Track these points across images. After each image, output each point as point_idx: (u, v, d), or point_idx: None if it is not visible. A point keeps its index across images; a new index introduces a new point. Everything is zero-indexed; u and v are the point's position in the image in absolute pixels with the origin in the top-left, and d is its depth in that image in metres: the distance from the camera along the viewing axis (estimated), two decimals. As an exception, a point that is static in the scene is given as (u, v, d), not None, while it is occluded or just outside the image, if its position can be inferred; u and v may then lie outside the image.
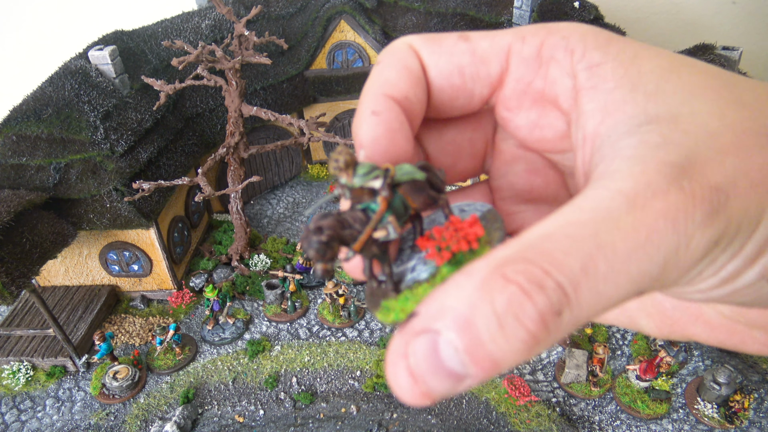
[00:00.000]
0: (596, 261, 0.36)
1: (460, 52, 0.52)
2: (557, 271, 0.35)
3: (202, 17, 4.40)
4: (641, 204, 0.38)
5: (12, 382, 3.58)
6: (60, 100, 3.57)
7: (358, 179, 0.44)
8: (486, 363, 0.35)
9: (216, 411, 3.59)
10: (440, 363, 0.36)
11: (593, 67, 0.48)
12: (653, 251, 0.37)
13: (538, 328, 0.35)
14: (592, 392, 3.35)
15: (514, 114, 0.55)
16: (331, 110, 4.93)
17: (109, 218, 3.60)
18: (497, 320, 0.35)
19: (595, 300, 0.36)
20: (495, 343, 0.35)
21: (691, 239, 0.38)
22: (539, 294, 0.35)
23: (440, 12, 4.29)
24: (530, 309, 0.35)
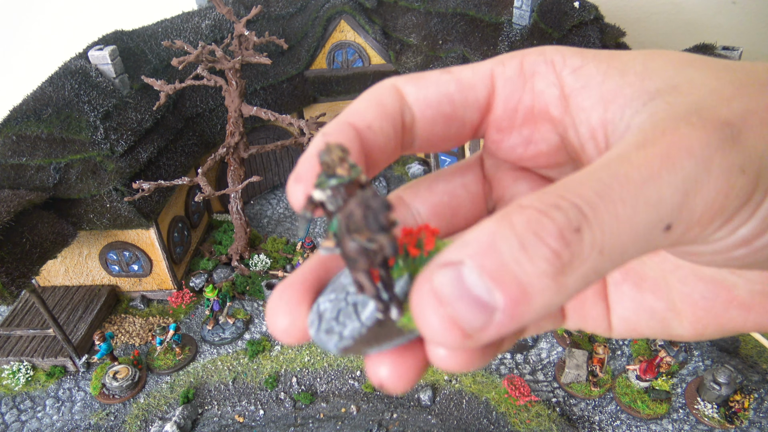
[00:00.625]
0: (611, 187, 0.36)
1: (446, 81, 0.53)
2: (572, 195, 0.36)
3: (202, 17, 4.40)
4: (652, 141, 0.38)
5: (12, 382, 3.58)
6: (60, 100, 3.57)
7: (354, 171, 0.42)
8: (512, 287, 0.34)
9: (216, 411, 3.59)
10: (466, 289, 0.35)
11: (577, 70, 0.50)
12: (670, 176, 0.37)
13: (560, 244, 0.34)
14: (592, 392, 3.35)
15: (507, 134, 0.56)
16: (331, 110, 4.93)
17: (109, 218, 3.60)
18: (518, 240, 0.35)
19: (614, 223, 0.36)
20: (518, 264, 0.34)
21: (710, 162, 0.37)
22: (556, 212, 0.35)
23: (440, 12, 4.29)
24: (549, 225, 0.35)
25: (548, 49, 0.52)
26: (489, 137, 0.57)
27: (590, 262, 0.36)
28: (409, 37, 4.41)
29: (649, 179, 0.36)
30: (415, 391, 3.58)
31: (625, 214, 0.36)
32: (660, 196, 0.37)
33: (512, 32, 3.85)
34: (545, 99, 0.52)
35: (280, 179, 5.24)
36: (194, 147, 4.25)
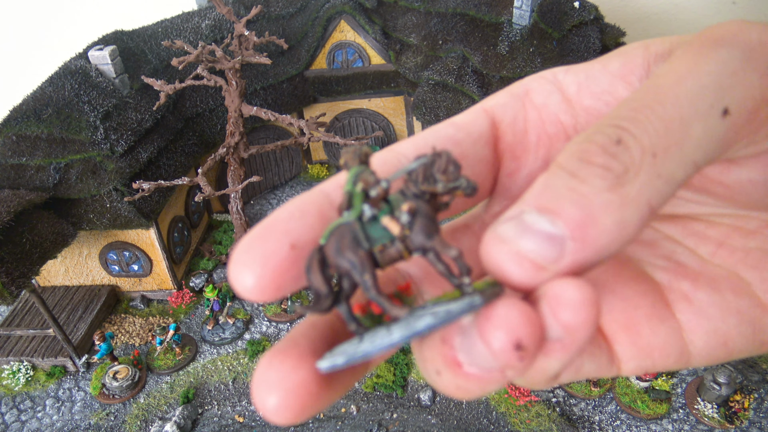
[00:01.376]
0: (644, 99, 0.36)
1: (444, 127, 0.50)
2: (610, 118, 0.36)
3: (202, 17, 4.40)
4: (673, 57, 0.38)
5: (12, 382, 3.58)
6: (60, 100, 3.57)
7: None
8: (572, 211, 0.33)
9: (216, 411, 3.59)
10: (529, 227, 0.35)
11: (569, 71, 0.49)
12: (708, 64, 0.36)
13: (606, 159, 0.34)
14: (592, 392, 3.35)
15: (524, 159, 0.51)
16: (331, 110, 4.93)
17: (109, 218, 3.60)
18: (567, 171, 0.35)
19: (659, 123, 0.35)
20: (573, 190, 0.34)
21: (751, 50, 0.37)
22: (596, 135, 0.35)
23: (440, 12, 4.29)
24: (592, 147, 0.35)
25: (527, 78, 0.50)
26: (504, 170, 0.52)
27: (646, 167, 0.35)
28: (409, 37, 4.41)
29: (683, 76, 0.36)
30: (415, 391, 3.58)
31: (667, 112, 0.35)
32: (701, 84, 0.36)
33: (512, 32, 3.86)
34: (550, 109, 0.50)
35: (280, 179, 5.24)
36: (194, 147, 4.25)
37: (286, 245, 0.39)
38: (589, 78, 0.48)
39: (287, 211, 0.41)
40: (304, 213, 0.41)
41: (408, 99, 4.72)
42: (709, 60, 0.36)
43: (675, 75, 0.36)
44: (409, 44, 4.45)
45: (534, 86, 0.50)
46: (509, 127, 0.50)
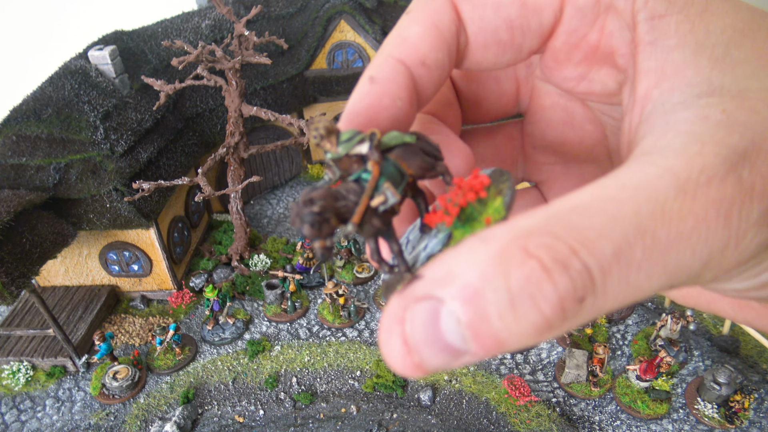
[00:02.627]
0: (633, 247, 0.31)
1: (508, 2, 0.45)
2: (587, 252, 0.30)
3: (202, 17, 4.40)
4: (692, 189, 0.32)
5: (12, 382, 3.58)
6: (60, 100, 3.57)
7: (342, 147, 0.40)
8: (489, 342, 0.31)
9: (216, 411, 3.59)
10: (439, 335, 0.32)
11: (655, 19, 0.42)
12: (698, 245, 0.32)
13: (555, 314, 0.30)
14: (592, 392, 3.35)
15: (562, 66, 0.49)
16: (331, 110, 4.93)
17: (109, 218, 3.60)
18: (510, 297, 0.30)
19: (623, 290, 0.32)
20: (503, 322, 0.30)
21: (742, 238, 0.33)
22: (562, 275, 0.30)
23: (440, 12, 4.29)
24: (550, 291, 0.30)
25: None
26: (543, 61, 0.50)
27: (580, 323, 0.32)
28: (409, 37, 4.41)
29: (675, 243, 0.32)
30: (415, 391, 3.58)
31: (638, 280, 0.32)
32: (680, 263, 0.32)
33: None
34: (613, 43, 0.45)
35: (280, 179, 5.24)
36: (194, 147, 4.25)
37: None
38: (656, 47, 0.43)
39: None
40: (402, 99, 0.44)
41: (408, 99, 4.72)
42: (708, 237, 0.33)
43: (676, 231, 0.33)
44: (409, 44, 4.45)
45: (620, 6, 0.44)
46: (566, 35, 0.47)
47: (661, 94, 0.40)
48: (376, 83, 0.43)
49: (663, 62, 0.41)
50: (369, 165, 0.40)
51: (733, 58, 0.39)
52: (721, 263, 0.34)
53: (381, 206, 0.40)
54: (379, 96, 0.42)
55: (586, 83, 0.50)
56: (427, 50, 0.44)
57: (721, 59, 0.39)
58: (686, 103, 0.38)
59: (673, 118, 0.37)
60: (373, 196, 0.39)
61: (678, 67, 0.40)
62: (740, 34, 0.40)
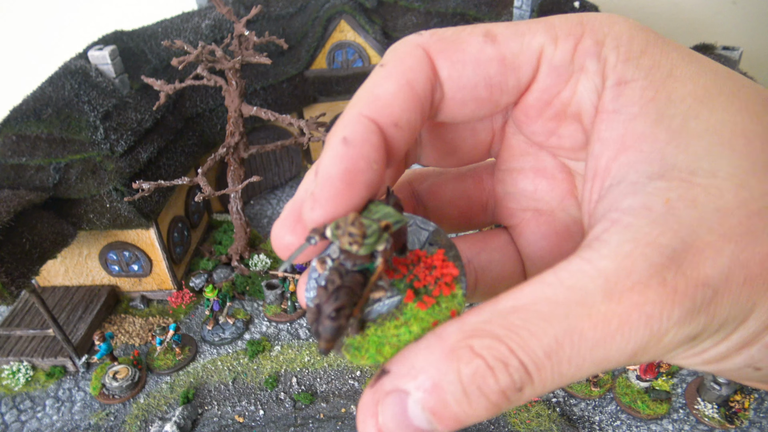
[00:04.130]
0: (562, 345, 0.36)
1: (487, 60, 0.46)
2: (522, 352, 0.37)
3: (202, 17, 4.40)
4: (618, 294, 0.37)
5: (12, 382, 3.58)
6: (60, 100, 3.57)
7: (365, 248, 0.40)
8: (450, 422, 0.38)
9: (216, 411, 3.59)
10: (408, 421, 0.38)
11: (621, 85, 0.43)
12: (622, 342, 0.37)
13: (500, 399, 0.37)
14: (593, 392, 3.35)
15: (532, 120, 0.51)
16: (331, 110, 4.93)
17: (109, 218, 3.60)
18: (462, 389, 0.37)
19: (557, 379, 0.38)
20: (460, 407, 0.37)
21: (664, 335, 0.37)
22: (503, 372, 0.37)
23: (440, 12, 4.29)
24: (493, 384, 0.37)
25: (610, 36, 0.45)
26: (514, 114, 0.52)
27: (524, 402, 0.39)
28: (409, 37, 4.41)
29: (601, 341, 0.37)
30: (415, 391, 3.58)
31: (569, 371, 0.37)
32: (607, 356, 0.37)
33: (512, 32, 3.85)
34: (582, 105, 0.47)
35: (280, 179, 5.24)
36: (194, 147, 4.25)
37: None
38: (618, 116, 0.44)
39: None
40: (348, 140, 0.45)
41: (408, 99, 4.72)
42: (631, 337, 0.37)
43: (601, 332, 0.37)
44: (409, 44, 4.45)
45: (591, 68, 0.45)
46: (539, 92, 0.48)
47: (618, 169, 0.42)
48: (350, 146, 0.42)
49: (624, 132, 0.42)
50: (379, 260, 0.42)
51: (689, 131, 0.40)
52: (645, 354, 0.38)
53: (378, 299, 0.45)
54: (354, 160, 0.42)
55: (555, 138, 0.52)
56: (399, 111, 0.44)
57: (678, 132, 0.40)
58: (637, 186, 0.40)
59: (621, 205, 0.40)
60: (373, 289, 0.43)
61: (637, 139, 0.41)
62: (700, 102, 0.41)
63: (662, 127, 0.41)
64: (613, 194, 0.42)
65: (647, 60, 0.43)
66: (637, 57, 0.44)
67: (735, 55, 3.34)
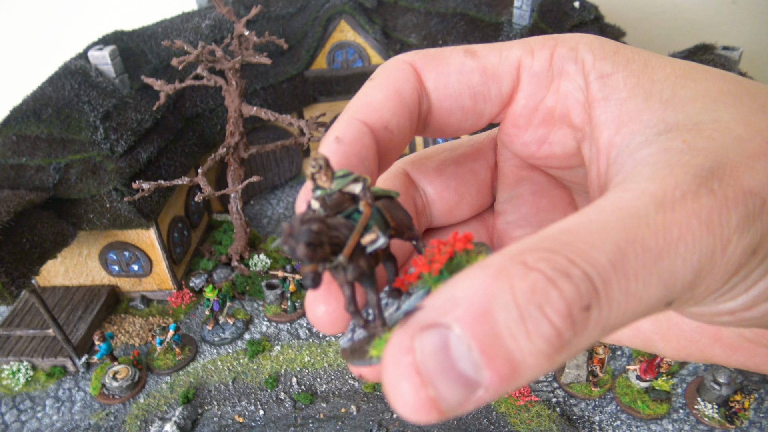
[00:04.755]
0: (626, 256, 0.32)
1: (470, 70, 0.49)
2: (584, 262, 0.31)
3: (202, 17, 4.40)
4: (670, 204, 0.34)
5: (12, 382, 3.58)
6: (60, 100, 3.57)
7: (336, 183, 0.40)
8: (503, 365, 0.30)
9: (216, 411, 3.59)
10: (452, 363, 0.30)
11: (604, 77, 0.46)
12: (687, 252, 0.33)
13: (565, 323, 0.30)
14: (593, 392, 3.35)
15: (522, 131, 0.53)
16: (331, 110, 4.93)
17: (109, 218, 3.59)
18: (518, 311, 0.30)
19: (624, 300, 0.32)
20: (515, 340, 0.30)
21: (727, 243, 0.34)
22: (566, 282, 0.30)
23: (440, 12, 4.29)
24: (556, 298, 0.30)
25: (582, 42, 0.48)
26: (503, 129, 0.54)
27: (590, 338, 0.32)
28: (409, 37, 4.41)
29: (665, 251, 0.33)
30: (415, 391, 3.58)
31: (637, 290, 0.32)
32: (673, 271, 0.33)
33: (512, 32, 3.85)
34: (568, 103, 0.49)
35: (280, 179, 5.24)
36: (194, 147, 4.25)
37: None
38: (609, 102, 0.46)
39: None
40: (340, 139, 0.46)
41: (408, 99, 4.72)
42: (695, 245, 0.34)
43: (663, 240, 0.33)
44: (409, 44, 4.45)
45: (570, 70, 0.48)
46: (525, 99, 0.51)
47: (623, 139, 0.42)
48: (342, 143, 0.44)
49: (619, 113, 0.44)
50: (360, 205, 0.40)
51: (681, 98, 0.42)
52: (712, 271, 0.35)
53: (370, 246, 0.39)
54: (347, 155, 0.44)
55: (547, 146, 0.53)
56: (389, 115, 0.46)
57: (671, 100, 0.42)
58: (648, 141, 0.40)
59: (639, 155, 0.40)
60: (363, 234, 0.39)
61: (633, 114, 0.43)
62: (682, 78, 0.44)
63: (654, 100, 0.42)
64: (624, 155, 0.41)
65: (621, 57, 0.46)
66: (612, 55, 0.46)
67: (735, 55, 3.33)
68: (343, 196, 0.41)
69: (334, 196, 0.41)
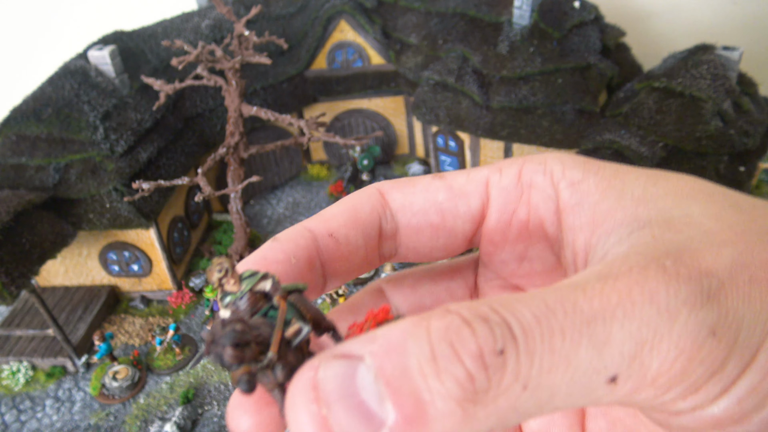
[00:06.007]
0: (554, 313, 0.30)
1: (436, 188, 0.50)
2: (506, 311, 0.30)
3: (202, 17, 4.40)
4: (614, 276, 0.32)
5: (12, 383, 3.58)
6: (60, 100, 3.57)
7: (245, 283, 0.39)
8: (409, 402, 0.28)
9: (216, 411, 3.59)
10: (353, 389, 0.29)
11: (575, 184, 0.46)
12: (625, 318, 0.31)
13: (476, 365, 0.29)
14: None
15: (499, 248, 0.52)
16: (331, 110, 4.93)
17: (109, 218, 3.60)
18: (430, 348, 0.29)
19: (549, 357, 0.30)
20: (424, 378, 0.28)
21: (675, 316, 0.31)
22: (481, 324, 0.29)
23: (440, 12, 4.29)
24: (469, 340, 0.29)
25: (549, 157, 0.48)
26: (482, 248, 0.54)
27: (509, 396, 0.30)
28: (409, 37, 4.41)
29: (600, 314, 0.31)
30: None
31: (563, 348, 0.30)
32: (609, 338, 0.31)
33: (512, 32, 3.86)
34: (541, 214, 0.49)
35: (280, 179, 5.24)
36: (194, 147, 4.25)
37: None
38: (582, 206, 0.45)
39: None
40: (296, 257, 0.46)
41: (408, 99, 4.72)
42: (635, 314, 0.31)
43: (599, 306, 0.31)
44: (409, 44, 4.45)
45: (539, 181, 0.48)
46: (497, 213, 0.51)
47: (597, 240, 0.42)
48: (277, 241, 0.46)
49: (593, 215, 0.43)
50: (275, 300, 0.39)
51: (652, 194, 0.41)
52: (659, 346, 0.31)
53: (296, 338, 0.38)
54: (275, 251, 0.45)
55: (527, 263, 0.52)
56: (336, 225, 0.48)
57: (643, 198, 0.42)
58: (621, 240, 0.39)
59: (609, 253, 0.39)
60: (285, 329, 0.38)
61: (607, 214, 0.42)
62: (653, 178, 0.44)
63: (626, 198, 0.42)
64: (596, 257, 0.41)
65: (591, 165, 0.46)
66: (582, 164, 0.47)
67: (735, 55, 3.33)
68: (255, 295, 0.40)
69: (245, 299, 0.40)
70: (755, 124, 3.21)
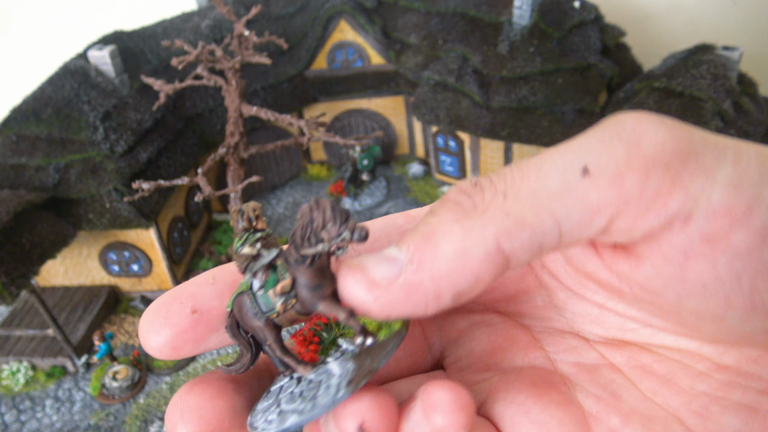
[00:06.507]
0: (517, 164, 0.38)
1: (395, 216, 0.56)
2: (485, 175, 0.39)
3: (202, 17, 4.40)
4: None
5: (12, 383, 3.58)
6: (60, 100, 3.57)
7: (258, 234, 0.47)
8: (416, 237, 0.36)
9: (216, 411, 3.59)
10: (380, 256, 0.37)
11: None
12: (570, 145, 0.37)
13: (458, 196, 0.37)
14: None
15: None
16: (331, 110, 4.93)
17: (109, 218, 3.59)
18: (429, 212, 0.38)
19: (515, 172, 0.37)
20: (425, 222, 0.37)
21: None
22: (462, 181, 0.39)
23: (440, 12, 4.29)
24: (452, 189, 0.38)
25: None
26: None
27: (495, 205, 0.35)
28: (409, 37, 4.41)
29: (548, 157, 0.37)
30: (415, 392, 3.58)
31: (528, 166, 0.36)
32: (563, 147, 0.36)
33: (512, 32, 3.86)
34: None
35: (280, 179, 5.24)
36: (194, 147, 4.25)
37: (188, 309, 0.44)
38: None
39: (200, 277, 0.49)
40: (217, 280, 0.49)
41: (408, 99, 4.72)
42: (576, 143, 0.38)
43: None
44: (409, 44, 4.45)
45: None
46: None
47: None
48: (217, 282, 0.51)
49: None
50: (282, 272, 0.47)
51: None
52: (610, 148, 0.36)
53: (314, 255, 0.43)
54: (198, 282, 0.50)
55: None
56: None
57: None
58: None
59: None
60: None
61: None
62: None
63: None
64: None
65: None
66: None
67: (735, 55, 3.33)
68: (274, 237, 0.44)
69: (271, 238, 0.44)
70: (755, 124, 3.21)
